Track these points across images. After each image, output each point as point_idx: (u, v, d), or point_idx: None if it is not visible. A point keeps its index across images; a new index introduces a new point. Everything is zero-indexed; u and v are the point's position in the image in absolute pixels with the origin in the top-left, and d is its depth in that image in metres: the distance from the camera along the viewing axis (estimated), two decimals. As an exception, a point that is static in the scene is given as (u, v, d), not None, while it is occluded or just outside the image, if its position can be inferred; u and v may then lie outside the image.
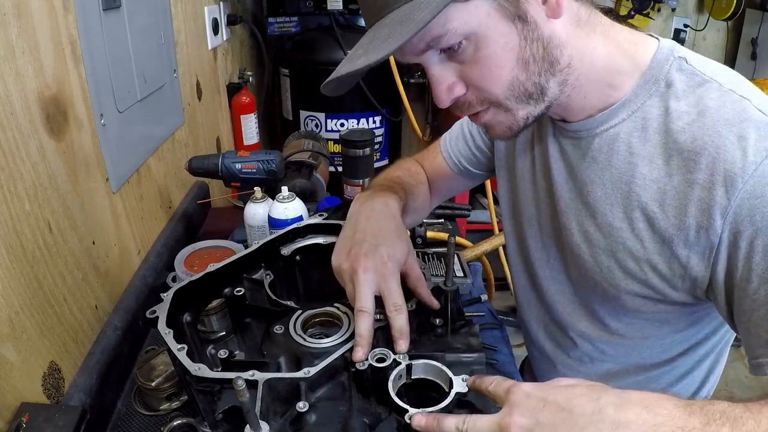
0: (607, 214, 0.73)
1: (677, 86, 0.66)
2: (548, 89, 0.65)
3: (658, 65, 0.67)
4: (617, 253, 0.73)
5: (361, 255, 0.70)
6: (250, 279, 0.81)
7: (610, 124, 0.70)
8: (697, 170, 0.63)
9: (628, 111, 0.69)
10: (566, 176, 0.78)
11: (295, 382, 0.61)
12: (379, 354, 0.65)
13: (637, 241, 0.70)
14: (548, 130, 0.79)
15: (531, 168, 0.86)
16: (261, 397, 0.58)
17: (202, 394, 0.62)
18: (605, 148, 0.71)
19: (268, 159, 1.22)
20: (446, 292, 0.74)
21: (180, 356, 0.62)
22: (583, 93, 0.69)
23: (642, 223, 0.69)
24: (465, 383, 0.61)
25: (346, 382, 0.65)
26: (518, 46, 0.61)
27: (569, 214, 0.78)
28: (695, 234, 0.64)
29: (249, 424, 0.54)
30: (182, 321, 0.72)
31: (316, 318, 0.77)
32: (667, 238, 0.67)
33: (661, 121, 0.67)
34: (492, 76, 0.63)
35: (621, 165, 0.70)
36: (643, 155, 0.68)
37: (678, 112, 0.65)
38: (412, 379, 0.64)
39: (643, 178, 0.68)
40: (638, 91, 0.68)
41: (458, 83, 0.65)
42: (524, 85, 0.64)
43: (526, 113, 0.67)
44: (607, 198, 0.72)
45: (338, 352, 0.64)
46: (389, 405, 0.61)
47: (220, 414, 0.61)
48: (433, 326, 0.73)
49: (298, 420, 0.60)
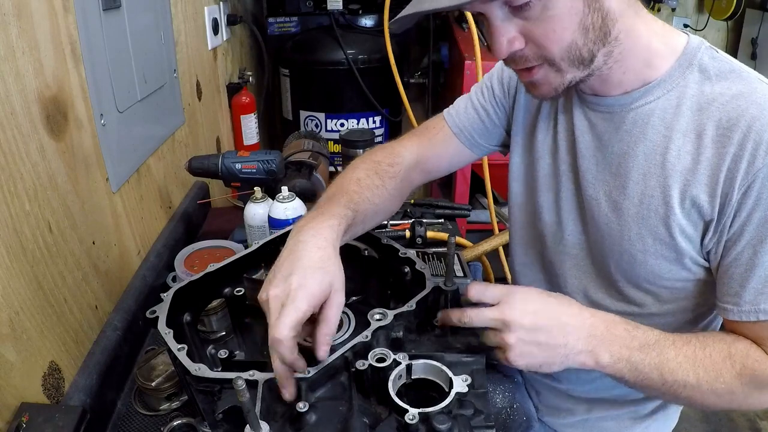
0: (639, 183, 0.77)
1: (710, 71, 0.73)
2: (596, 58, 0.70)
3: (692, 51, 0.74)
4: (649, 220, 0.76)
5: (271, 286, 0.65)
6: (250, 279, 0.81)
7: (646, 100, 0.75)
8: (730, 144, 0.69)
9: (664, 89, 0.74)
10: (594, 149, 0.81)
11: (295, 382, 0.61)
12: (379, 354, 0.65)
13: (669, 207, 0.74)
14: (574, 106, 0.83)
15: (552, 143, 0.88)
16: (261, 397, 0.58)
17: (202, 394, 0.63)
18: (640, 122, 0.76)
19: (268, 159, 1.22)
20: (446, 292, 0.74)
21: (180, 356, 0.62)
22: (623, 68, 0.74)
23: (675, 191, 0.73)
24: (465, 383, 0.61)
25: (346, 382, 0.65)
26: (582, 12, 0.66)
27: (597, 186, 0.81)
28: (721, 201, 0.71)
29: (249, 424, 0.54)
30: (182, 321, 0.72)
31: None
32: (698, 204, 0.72)
33: (695, 100, 0.72)
34: (555, 35, 0.67)
35: (656, 137, 0.75)
36: (678, 129, 0.73)
37: (712, 92, 0.72)
38: (412, 379, 0.64)
39: (677, 149, 0.73)
40: (673, 72, 0.74)
41: (519, 38, 0.68)
42: (580, 50, 0.68)
43: (573, 76, 0.71)
44: (640, 169, 0.76)
45: (338, 353, 0.64)
46: (389, 405, 0.61)
47: (220, 414, 0.61)
48: (434, 326, 0.73)
49: (298, 420, 0.60)
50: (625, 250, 0.80)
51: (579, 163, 0.83)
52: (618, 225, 0.79)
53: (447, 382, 0.62)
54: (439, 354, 0.67)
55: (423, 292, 0.73)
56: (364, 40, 2.22)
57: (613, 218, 0.80)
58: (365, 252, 0.84)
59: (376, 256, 0.84)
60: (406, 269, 0.79)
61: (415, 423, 0.57)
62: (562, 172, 0.87)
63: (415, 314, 0.72)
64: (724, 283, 0.74)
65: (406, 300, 0.71)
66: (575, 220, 0.87)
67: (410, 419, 0.57)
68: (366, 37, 2.25)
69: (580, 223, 0.87)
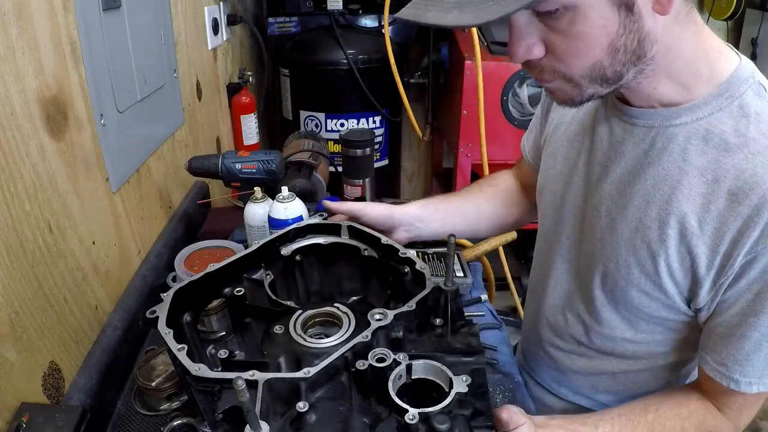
0: (639, 209, 0.72)
1: (751, 110, 0.65)
2: (625, 76, 0.64)
3: (737, 82, 0.66)
4: (640, 250, 0.72)
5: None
6: (250, 279, 0.81)
7: (672, 122, 0.69)
8: (746, 204, 0.63)
9: (693, 116, 0.67)
10: (606, 158, 0.77)
11: (295, 382, 0.61)
12: (379, 354, 0.64)
13: (664, 243, 0.70)
14: (599, 107, 0.78)
15: (570, 144, 0.85)
16: (261, 397, 0.58)
17: (202, 394, 0.62)
18: (659, 145, 0.70)
19: (268, 159, 1.22)
20: (446, 292, 0.74)
21: (180, 356, 0.62)
22: (654, 84, 0.67)
23: (674, 231, 0.69)
24: (465, 383, 0.61)
25: (346, 382, 0.65)
26: (615, 33, 0.59)
27: (601, 197, 0.78)
28: (721, 261, 0.66)
29: (249, 424, 0.54)
30: (182, 321, 0.72)
31: (316, 318, 0.77)
32: (695, 253, 0.68)
33: (724, 138, 0.65)
34: (578, 53, 0.61)
35: (670, 167, 0.69)
36: (696, 165, 0.67)
37: (745, 136, 0.64)
38: (412, 379, 0.64)
39: (690, 188, 0.67)
40: (710, 100, 0.66)
41: (539, 45, 0.62)
42: (605, 70, 0.62)
43: (594, 91, 0.66)
44: (645, 194, 0.71)
45: (338, 352, 0.63)
46: (389, 405, 0.61)
47: (220, 414, 0.61)
48: (433, 326, 0.73)
49: (298, 420, 0.60)
50: (609, 271, 0.77)
51: (591, 169, 0.79)
52: (610, 244, 0.76)
53: (447, 382, 0.62)
54: (439, 354, 0.67)
55: (423, 292, 0.73)
56: (364, 40, 2.22)
57: (608, 236, 0.77)
58: (365, 252, 0.84)
59: (376, 255, 0.84)
60: (406, 269, 0.79)
61: (415, 423, 0.57)
62: (575, 173, 0.84)
63: (415, 314, 0.71)
64: (708, 337, 0.72)
65: (406, 300, 0.71)
66: (573, 225, 0.85)
67: (410, 419, 0.57)
68: (366, 37, 2.25)
69: (577, 231, 0.85)
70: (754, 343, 0.67)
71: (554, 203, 0.89)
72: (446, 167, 2.87)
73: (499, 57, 2.02)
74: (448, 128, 2.42)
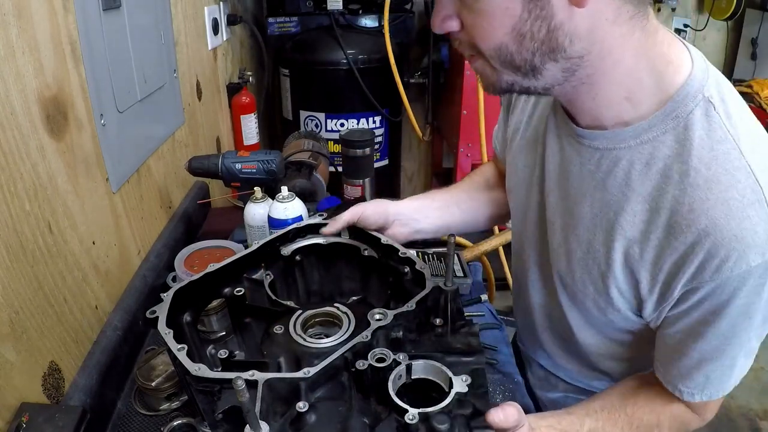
0: (588, 231, 0.73)
1: (695, 134, 0.61)
2: (543, 70, 0.61)
3: (683, 100, 0.62)
4: (591, 270, 0.74)
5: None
6: (250, 279, 0.81)
7: (616, 145, 0.67)
8: (681, 240, 0.62)
9: (638, 140, 0.65)
10: (558, 176, 0.76)
11: (295, 382, 0.61)
12: (379, 354, 0.64)
13: (611, 266, 0.71)
14: (549, 120, 0.76)
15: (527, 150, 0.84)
16: (261, 397, 0.58)
17: (202, 394, 0.62)
18: (604, 167, 0.69)
19: (268, 159, 1.22)
20: (446, 292, 0.74)
21: (180, 356, 0.62)
22: (593, 93, 0.64)
23: (620, 255, 0.69)
24: (465, 383, 0.61)
25: (346, 382, 0.65)
26: (518, 18, 0.57)
27: (555, 212, 0.79)
28: (661, 289, 0.67)
29: (249, 424, 0.54)
30: (182, 321, 0.72)
31: (316, 318, 0.77)
32: (637, 278, 0.69)
33: (667, 164, 0.63)
34: (483, 31, 0.60)
35: (614, 191, 0.68)
36: (639, 192, 0.66)
37: (687, 164, 0.61)
38: (412, 379, 0.64)
39: (633, 214, 0.67)
40: (655, 122, 0.63)
41: (454, 19, 0.62)
42: (512, 56, 0.60)
43: (512, 80, 0.64)
44: (593, 218, 0.72)
45: (338, 352, 0.63)
46: (389, 405, 0.61)
47: (219, 414, 0.61)
48: (433, 326, 0.73)
49: (298, 420, 0.60)
50: (567, 284, 0.79)
51: (546, 183, 0.79)
52: (566, 259, 0.78)
53: (447, 382, 0.62)
54: (439, 354, 0.67)
55: (423, 292, 0.73)
56: (364, 40, 2.22)
57: (562, 251, 0.78)
58: (365, 252, 0.84)
59: (376, 255, 0.84)
60: (405, 269, 0.79)
61: (415, 423, 0.57)
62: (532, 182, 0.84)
63: (415, 314, 0.71)
64: (657, 347, 0.75)
65: (405, 300, 0.71)
66: (534, 234, 0.86)
67: (410, 419, 0.57)
68: (366, 37, 2.25)
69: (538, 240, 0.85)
70: (695, 361, 0.69)
71: (520, 207, 0.89)
72: (446, 167, 2.87)
73: (499, 57, 2.02)
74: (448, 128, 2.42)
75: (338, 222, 0.85)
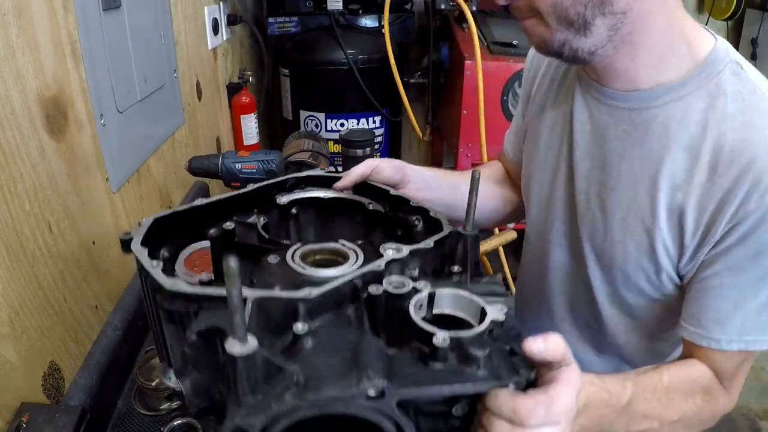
0: (630, 189, 0.75)
1: (727, 88, 0.68)
2: (593, 26, 0.66)
3: (713, 62, 0.69)
4: (634, 228, 0.75)
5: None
6: (241, 222, 0.68)
7: (653, 104, 0.71)
8: (726, 176, 0.66)
9: (673, 96, 0.70)
10: (590, 142, 0.79)
11: (293, 304, 0.49)
12: (396, 281, 0.53)
13: (656, 219, 0.72)
14: (575, 92, 0.80)
15: (550, 130, 0.86)
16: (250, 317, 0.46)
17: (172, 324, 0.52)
18: (641, 126, 0.73)
19: (268, 159, 1.22)
20: (465, 237, 0.63)
21: (154, 273, 0.51)
22: (632, 54, 0.69)
23: (664, 205, 0.71)
24: (502, 312, 0.50)
25: (353, 314, 0.53)
26: None
27: (590, 181, 0.80)
28: (704, 231, 0.69)
29: (233, 330, 0.39)
30: (159, 256, 0.63)
31: (317, 254, 0.64)
32: (683, 222, 0.71)
33: (703, 116, 0.68)
34: None
35: (654, 146, 0.72)
36: (678, 141, 0.70)
37: (723, 113, 0.67)
38: (434, 315, 0.53)
39: (674, 162, 0.70)
40: (688, 80, 0.69)
41: None
42: (567, 10, 0.65)
43: (564, 38, 0.68)
44: (633, 174, 0.74)
45: (346, 278, 0.52)
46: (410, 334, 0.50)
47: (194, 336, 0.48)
48: (451, 273, 0.62)
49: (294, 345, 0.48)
50: (605, 251, 0.79)
51: (575, 156, 0.81)
52: (603, 225, 0.78)
53: (477, 316, 0.51)
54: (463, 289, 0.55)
55: (442, 233, 0.63)
56: (364, 40, 2.22)
57: (599, 217, 0.79)
58: (369, 206, 0.75)
59: (382, 209, 0.74)
60: (416, 221, 0.69)
61: (445, 348, 0.46)
62: (560, 161, 0.85)
63: (432, 256, 0.61)
64: (688, 302, 0.74)
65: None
66: (564, 210, 0.86)
67: (439, 343, 0.46)
68: (366, 37, 2.25)
69: (568, 215, 0.85)
70: (732, 302, 0.69)
71: (542, 191, 0.90)
72: (446, 167, 2.87)
73: (499, 57, 2.02)
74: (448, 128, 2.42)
75: (352, 175, 0.77)
